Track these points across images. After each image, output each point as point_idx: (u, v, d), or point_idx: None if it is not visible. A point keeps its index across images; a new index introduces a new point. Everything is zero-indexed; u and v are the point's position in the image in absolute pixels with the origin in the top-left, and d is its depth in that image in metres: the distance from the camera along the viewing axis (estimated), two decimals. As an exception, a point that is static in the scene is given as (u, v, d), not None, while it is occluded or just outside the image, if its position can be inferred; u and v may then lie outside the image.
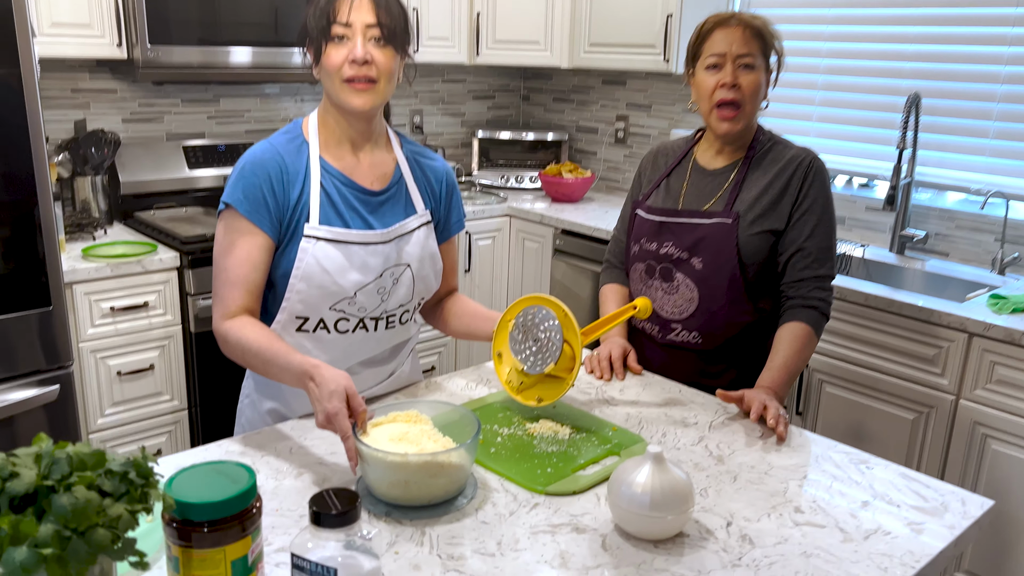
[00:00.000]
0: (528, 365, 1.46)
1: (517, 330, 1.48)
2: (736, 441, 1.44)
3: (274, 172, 1.40)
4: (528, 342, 1.47)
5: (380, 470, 1.17)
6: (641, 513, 1.11)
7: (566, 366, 1.47)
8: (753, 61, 1.65)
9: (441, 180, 1.59)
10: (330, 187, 1.44)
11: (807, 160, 1.70)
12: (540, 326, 1.45)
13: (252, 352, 1.35)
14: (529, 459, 1.33)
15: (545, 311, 1.46)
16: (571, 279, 3.22)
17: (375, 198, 1.48)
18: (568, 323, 1.45)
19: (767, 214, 1.68)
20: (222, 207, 1.41)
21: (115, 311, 2.45)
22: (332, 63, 1.39)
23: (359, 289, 1.44)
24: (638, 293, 1.79)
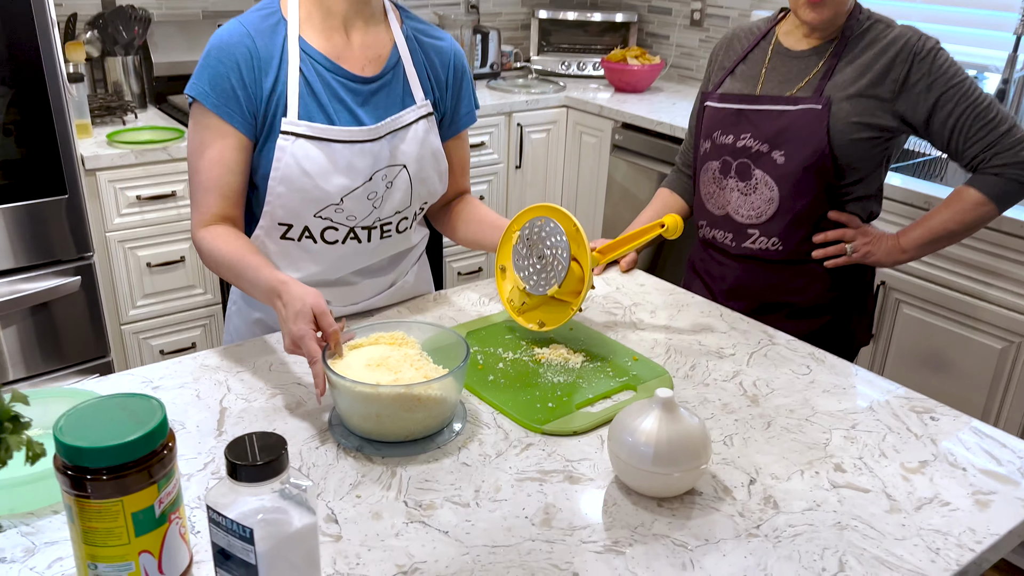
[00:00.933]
0: (530, 284, 1.28)
1: (522, 243, 1.30)
2: (777, 378, 1.24)
3: (243, 58, 1.21)
4: (532, 258, 1.28)
5: (349, 401, 1.02)
6: (643, 468, 0.94)
7: (573, 288, 1.28)
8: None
9: (448, 64, 1.37)
10: (311, 74, 1.24)
11: (912, 39, 1.42)
12: (546, 241, 1.26)
13: (224, 264, 1.21)
14: (530, 390, 1.16)
15: (553, 224, 1.26)
16: (630, 179, 2.97)
17: (366, 86, 1.28)
18: (578, 239, 1.25)
19: (865, 102, 1.43)
20: (190, 100, 1.24)
21: (141, 200, 2.35)
22: None
23: (346, 195, 1.26)
24: (711, 198, 1.57)
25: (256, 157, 1.26)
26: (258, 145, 1.25)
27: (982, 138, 1.41)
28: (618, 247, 1.37)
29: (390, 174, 1.30)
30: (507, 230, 1.34)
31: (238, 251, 1.21)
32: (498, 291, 1.36)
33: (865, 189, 1.49)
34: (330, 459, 1.02)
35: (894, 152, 1.50)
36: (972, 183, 1.45)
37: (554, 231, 1.25)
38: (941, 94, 1.41)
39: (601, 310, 1.44)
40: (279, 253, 1.31)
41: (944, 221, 1.47)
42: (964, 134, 1.42)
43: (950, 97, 1.41)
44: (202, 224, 1.26)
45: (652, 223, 1.37)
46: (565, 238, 1.24)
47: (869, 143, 1.44)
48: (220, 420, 1.10)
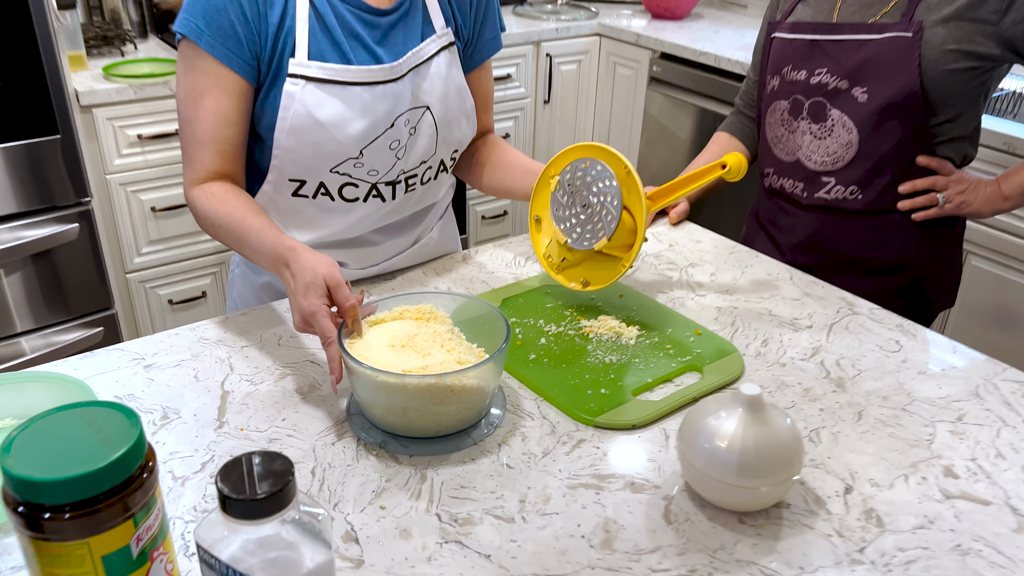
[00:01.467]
0: (573, 238, 1.11)
1: (562, 190, 1.12)
2: (865, 355, 1.07)
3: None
4: (575, 207, 1.11)
5: (370, 391, 0.87)
6: (724, 480, 0.78)
7: (623, 242, 1.10)
8: None
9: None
10: (323, 6, 1.05)
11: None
12: (592, 187, 1.08)
13: (222, 227, 1.05)
14: (579, 372, 1.00)
15: (601, 167, 1.08)
16: (669, 115, 2.75)
17: (384, 18, 1.09)
18: (631, 185, 1.07)
19: (964, 26, 1.22)
20: (178, 37, 1.05)
21: (143, 139, 2.18)
22: None
23: (366, 146, 1.08)
24: (779, 142, 1.38)
25: (259, 105, 1.08)
26: (262, 91, 1.07)
27: None
28: (672, 192, 1.18)
29: (413, 118, 1.12)
30: (543, 175, 1.16)
31: (238, 212, 1.04)
32: (533, 246, 1.19)
33: (960, 129, 1.29)
34: (349, 458, 0.87)
35: (993, 86, 1.30)
36: None
37: (602, 175, 1.08)
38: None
39: (653, 272, 1.27)
40: (290, 212, 1.15)
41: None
42: None
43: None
44: (196, 182, 1.09)
45: (711, 163, 1.18)
46: (616, 183, 1.06)
47: (967, 75, 1.24)
48: (221, 408, 0.95)
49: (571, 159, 1.11)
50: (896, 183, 1.31)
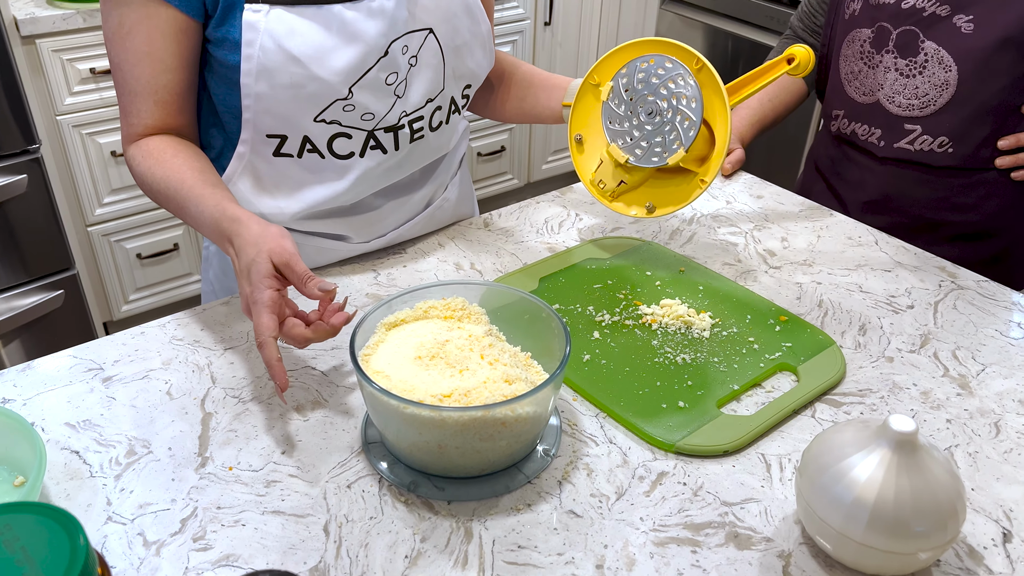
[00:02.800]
0: (637, 154, 0.93)
1: (616, 98, 0.93)
2: (984, 344, 0.88)
3: None
4: (637, 116, 0.92)
5: (398, 424, 0.67)
6: (868, 543, 0.60)
7: (696, 154, 0.92)
8: None
9: None
10: None
11: None
12: (660, 89, 0.90)
13: (160, 192, 0.85)
14: (647, 378, 0.81)
15: (671, 63, 0.89)
16: (681, 37, 2.50)
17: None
18: (709, 81, 0.89)
19: None
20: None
21: (96, 74, 1.91)
22: None
23: (355, 82, 0.85)
24: (854, 78, 1.16)
25: (215, 44, 0.84)
26: (213, 23, 0.84)
27: None
28: (739, 89, 0.97)
29: (412, 43, 0.89)
30: (584, 83, 0.97)
31: (177, 173, 0.84)
32: (577, 171, 0.99)
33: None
34: (371, 507, 0.68)
35: None
36: None
37: (672, 72, 0.89)
38: None
39: (713, 237, 1.07)
40: (273, 177, 0.92)
41: None
42: None
43: None
44: (133, 137, 0.89)
45: (777, 58, 0.97)
46: (693, 80, 0.88)
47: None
48: (203, 437, 0.75)
49: (625, 59, 0.93)
50: (996, 136, 1.09)
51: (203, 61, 0.88)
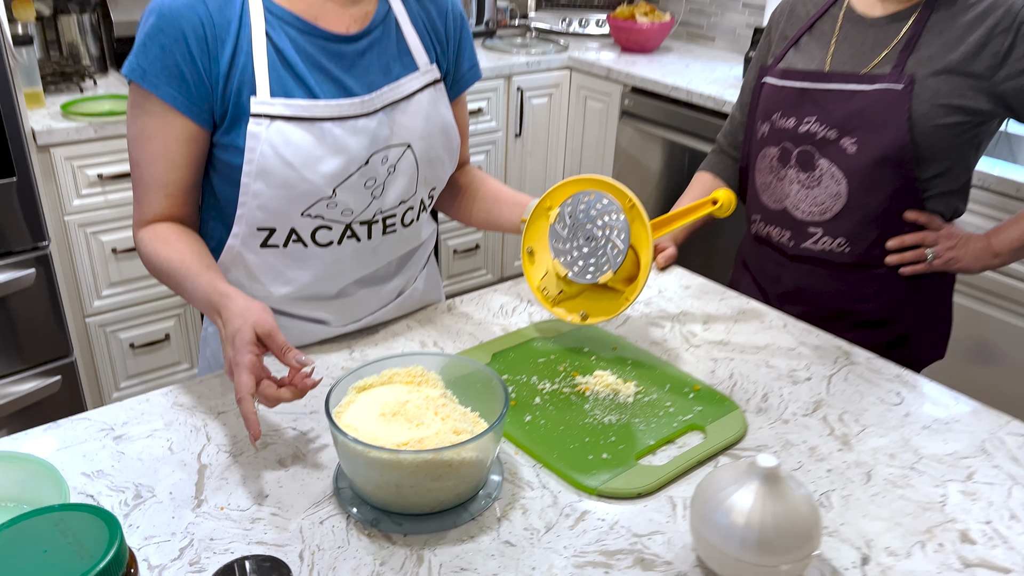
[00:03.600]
0: (575, 271, 1.09)
1: (562, 223, 1.10)
2: (867, 409, 1.04)
3: (192, 28, 0.97)
4: (577, 240, 1.09)
5: (362, 468, 0.81)
6: (743, 558, 0.74)
7: (625, 275, 1.09)
8: None
9: (446, 12, 1.14)
10: (281, 39, 1.00)
11: (1016, 4, 1.18)
12: (597, 220, 1.08)
13: (163, 270, 1.02)
14: (577, 435, 0.96)
15: (607, 200, 1.07)
16: (639, 148, 2.74)
17: (351, 46, 1.04)
18: (637, 217, 1.07)
19: (955, 80, 1.20)
20: (128, 80, 1.00)
21: (104, 179, 2.10)
22: None
23: (339, 184, 1.03)
24: (767, 189, 1.36)
25: (221, 149, 1.03)
26: (220, 131, 1.02)
27: None
28: (666, 225, 1.18)
29: (391, 156, 1.07)
30: (538, 207, 1.14)
31: (177, 254, 1.00)
32: (527, 278, 1.16)
33: (949, 183, 1.28)
34: (339, 539, 0.81)
35: (985, 140, 1.28)
36: None
37: (608, 208, 1.07)
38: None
39: (645, 320, 1.23)
40: (261, 266, 1.09)
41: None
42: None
43: None
44: (143, 223, 1.06)
45: (703, 199, 1.17)
46: (624, 216, 1.06)
47: (957, 129, 1.22)
48: (199, 484, 0.88)
49: (571, 192, 1.10)
50: (885, 237, 1.29)
51: (209, 162, 1.06)
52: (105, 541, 0.55)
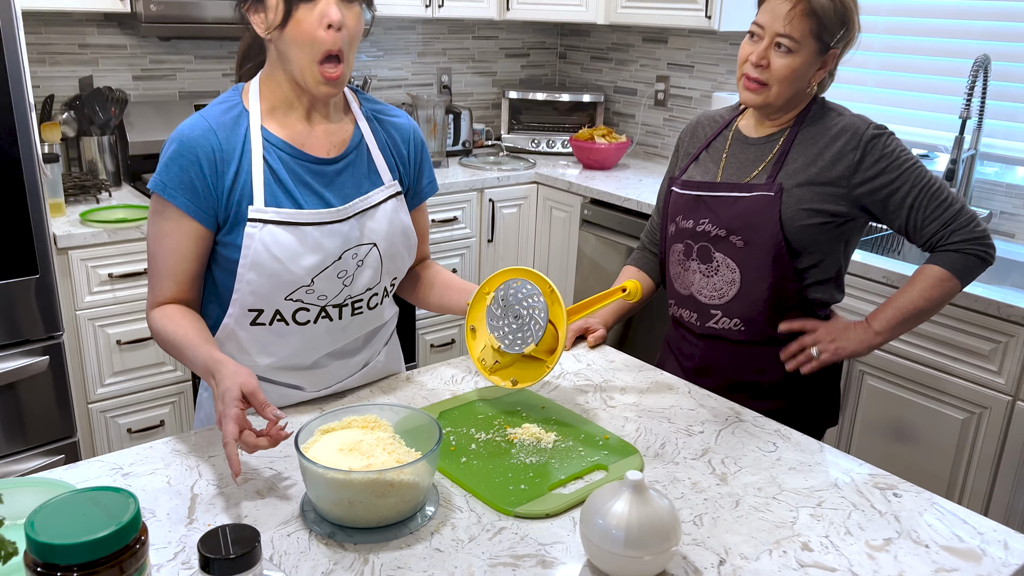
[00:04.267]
0: (506, 343, 1.33)
1: (496, 304, 1.34)
2: (745, 455, 1.26)
3: (204, 152, 1.24)
4: (508, 318, 1.33)
5: (320, 487, 1.03)
6: (614, 551, 0.95)
7: (548, 347, 1.32)
8: (793, 46, 1.44)
9: (408, 140, 1.42)
10: (275, 161, 1.28)
11: (862, 126, 1.49)
12: (523, 302, 1.32)
13: (170, 342, 1.25)
14: (503, 472, 1.17)
15: (530, 286, 1.31)
16: (600, 253, 3.03)
17: (330, 167, 1.31)
18: (554, 300, 1.31)
19: (815, 188, 1.48)
20: (151, 191, 1.27)
21: (114, 278, 2.36)
22: (303, 31, 1.19)
23: (316, 275, 1.29)
24: (677, 278, 1.62)
25: (223, 247, 1.28)
26: (222, 232, 1.28)
27: (939, 216, 1.47)
28: (584, 308, 1.43)
29: (360, 252, 1.33)
30: (478, 292, 1.39)
31: (182, 329, 1.24)
32: (469, 351, 1.39)
33: (823, 273, 1.54)
34: (302, 546, 1.02)
35: (853, 237, 1.55)
36: (935, 261, 1.50)
37: (531, 292, 1.31)
38: (896, 177, 1.47)
39: (572, 387, 1.47)
40: (250, 340, 1.33)
41: (913, 300, 1.50)
42: (921, 214, 1.48)
43: (905, 179, 1.47)
44: (155, 304, 1.30)
45: (613, 288, 1.42)
46: (543, 299, 1.30)
47: (821, 228, 1.49)
48: (191, 507, 1.09)
49: (503, 279, 1.35)
50: (773, 317, 1.54)
51: (211, 256, 1.31)
52: (127, 510, 0.76)
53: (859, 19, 1.49)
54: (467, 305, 1.41)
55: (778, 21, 1.43)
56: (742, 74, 1.49)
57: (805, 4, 1.42)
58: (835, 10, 1.43)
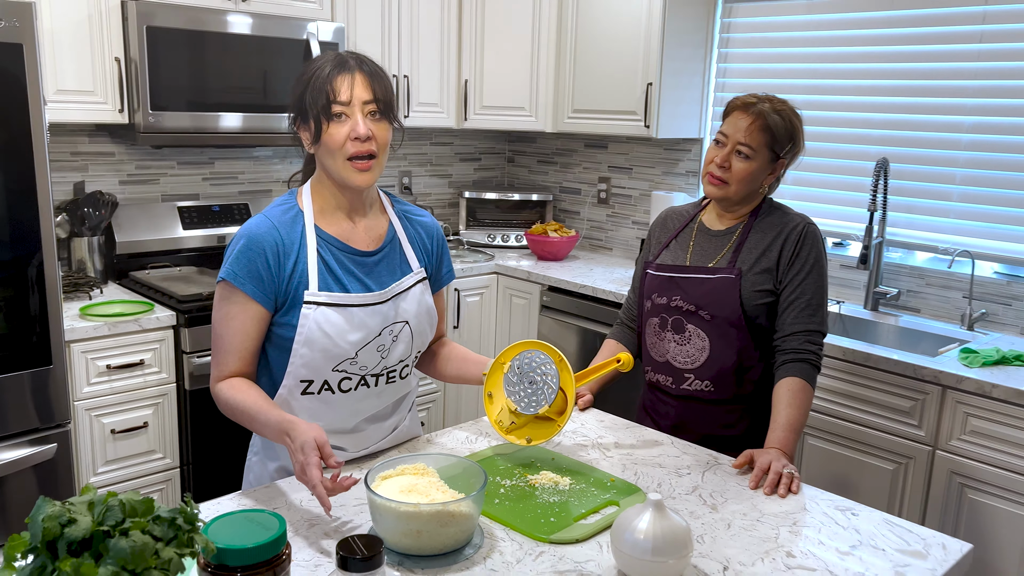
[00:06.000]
0: (522, 406, 1.55)
1: (513, 372, 1.57)
2: (728, 489, 1.50)
3: (269, 246, 1.46)
4: (524, 384, 1.55)
5: (392, 520, 1.22)
6: (643, 559, 1.17)
7: (557, 408, 1.55)
8: (750, 153, 1.77)
9: (433, 235, 1.67)
10: (326, 253, 1.50)
11: (800, 226, 1.80)
12: (537, 370, 1.54)
13: (240, 410, 1.42)
14: (532, 509, 1.38)
15: (543, 356, 1.54)
16: (558, 334, 3.30)
17: (370, 259, 1.55)
18: (564, 367, 1.54)
19: (765, 273, 1.78)
20: (220, 279, 1.47)
21: (111, 369, 2.48)
22: (335, 141, 1.45)
23: (360, 349, 1.50)
24: (653, 347, 1.88)
25: (279, 326, 1.48)
26: (280, 313, 1.48)
27: (806, 324, 1.75)
28: (586, 376, 1.66)
29: (395, 329, 1.55)
30: (495, 363, 1.61)
31: (251, 398, 1.43)
32: (487, 414, 1.60)
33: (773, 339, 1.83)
34: (377, 573, 1.20)
35: None
36: (795, 375, 1.72)
37: (544, 361, 1.54)
38: (805, 277, 1.76)
39: (573, 444, 1.69)
40: (300, 409, 1.51)
41: (799, 417, 1.70)
42: (800, 314, 1.75)
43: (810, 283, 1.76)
44: (220, 378, 1.48)
45: (610, 358, 1.67)
46: (555, 367, 1.53)
47: (769, 305, 1.79)
48: (271, 548, 1.25)
49: (519, 351, 1.58)
50: (739, 379, 1.80)
51: (266, 336, 1.50)
52: (276, 527, 0.95)
53: (803, 135, 1.83)
54: (483, 375, 1.63)
55: (740, 132, 1.76)
56: (707, 172, 1.81)
57: (762, 120, 1.76)
58: (785, 128, 1.78)
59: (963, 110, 2.78)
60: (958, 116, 2.79)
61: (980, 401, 2.22)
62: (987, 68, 2.72)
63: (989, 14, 2.70)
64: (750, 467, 1.59)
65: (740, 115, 1.77)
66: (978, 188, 2.78)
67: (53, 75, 2.54)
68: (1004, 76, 2.69)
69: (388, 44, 3.37)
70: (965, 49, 2.76)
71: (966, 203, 2.81)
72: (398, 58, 3.42)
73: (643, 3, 3.22)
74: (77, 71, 2.59)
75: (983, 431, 2.23)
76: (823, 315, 1.79)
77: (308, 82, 1.46)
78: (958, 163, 2.81)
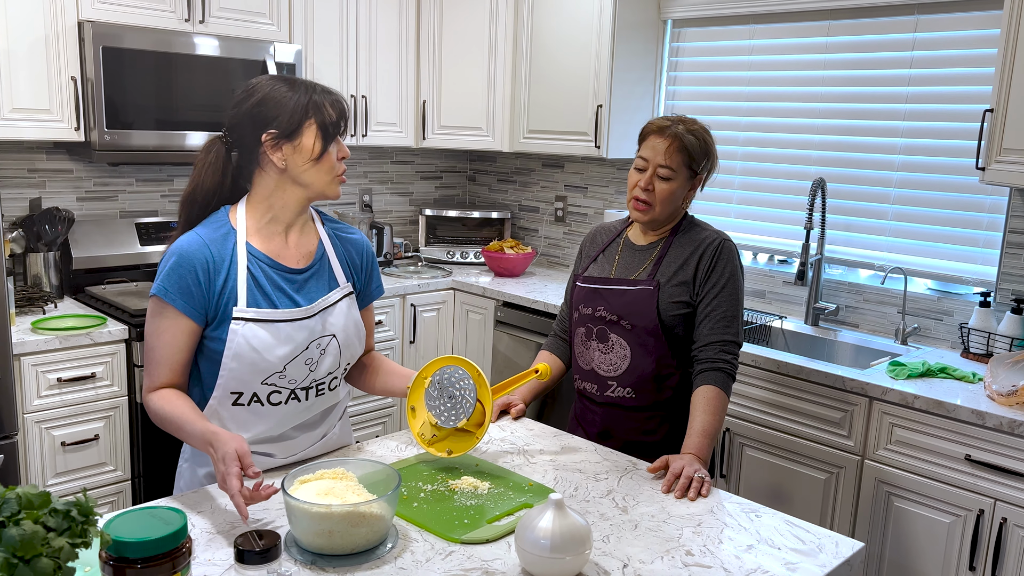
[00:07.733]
0: (442, 419, 1.60)
1: (433, 387, 1.63)
2: (641, 493, 1.57)
3: (200, 263, 1.52)
4: (443, 399, 1.61)
5: (305, 521, 1.27)
6: (543, 556, 1.23)
7: (476, 421, 1.61)
8: (671, 174, 1.85)
9: (362, 252, 1.74)
10: (257, 271, 1.56)
11: (716, 241, 1.89)
12: (456, 384, 1.60)
13: (169, 420, 1.48)
14: (448, 512, 1.44)
15: (461, 371, 1.60)
16: (512, 350, 3.36)
17: (300, 275, 1.61)
18: (481, 382, 1.60)
19: (682, 286, 1.86)
20: (152, 294, 1.53)
21: (62, 382, 2.51)
22: (332, 161, 1.56)
23: (288, 363, 1.56)
24: (581, 356, 1.96)
25: (210, 340, 1.54)
26: (210, 328, 1.54)
27: (721, 335, 1.83)
28: (504, 388, 1.74)
29: (323, 343, 1.61)
30: (417, 377, 1.67)
31: (179, 409, 1.49)
32: (410, 428, 1.66)
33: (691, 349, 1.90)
34: (291, 572, 1.25)
35: None
36: (711, 383, 1.80)
37: (462, 376, 1.60)
38: (721, 289, 1.84)
39: (499, 451, 1.75)
40: (230, 418, 1.57)
41: (714, 423, 1.77)
42: (716, 325, 1.84)
43: (725, 296, 1.84)
44: (152, 389, 1.54)
45: (528, 370, 1.74)
46: (472, 381, 1.59)
47: (685, 316, 1.87)
48: (190, 549, 1.31)
49: (439, 366, 1.64)
50: (659, 387, 1.88)
51: (197, 348, 1.56)
52: (177, 521, 1.01)
53: (716, 151, 1.92)
54: (407, 389, 1.69)
55: (659, 155, 1.85)
56: (632, 197, 1.89)
57: (678, 141, 1.84)
58: (699, 146, 1.87)
59: (896, 132, 2.89)
60: (891, 138, 2.91)
61: (904, 412, 2.31)
62: (918, 92, 2.83)
63: (919, 41, 2.82)
64: (665, 471, 1.66)
65: (656, 139, 1.86)
66: (911, 208, 2.89)
67: (9, 93, 2.59)
68: (934, 100, 2.80)
69: (346, 65, 3.45)
70: (897, 74, 2.88)
71: (900, 222, 2.92)
72: (356, 78, 3.49)
73: (593, 28, 3.33)
74: (33, 90, 2.64)
75: (907, 440, 2.32)
76: (738, 326, 1.87)
77: (305, 105, 1.53)
78: (892, 183, 2.92)
